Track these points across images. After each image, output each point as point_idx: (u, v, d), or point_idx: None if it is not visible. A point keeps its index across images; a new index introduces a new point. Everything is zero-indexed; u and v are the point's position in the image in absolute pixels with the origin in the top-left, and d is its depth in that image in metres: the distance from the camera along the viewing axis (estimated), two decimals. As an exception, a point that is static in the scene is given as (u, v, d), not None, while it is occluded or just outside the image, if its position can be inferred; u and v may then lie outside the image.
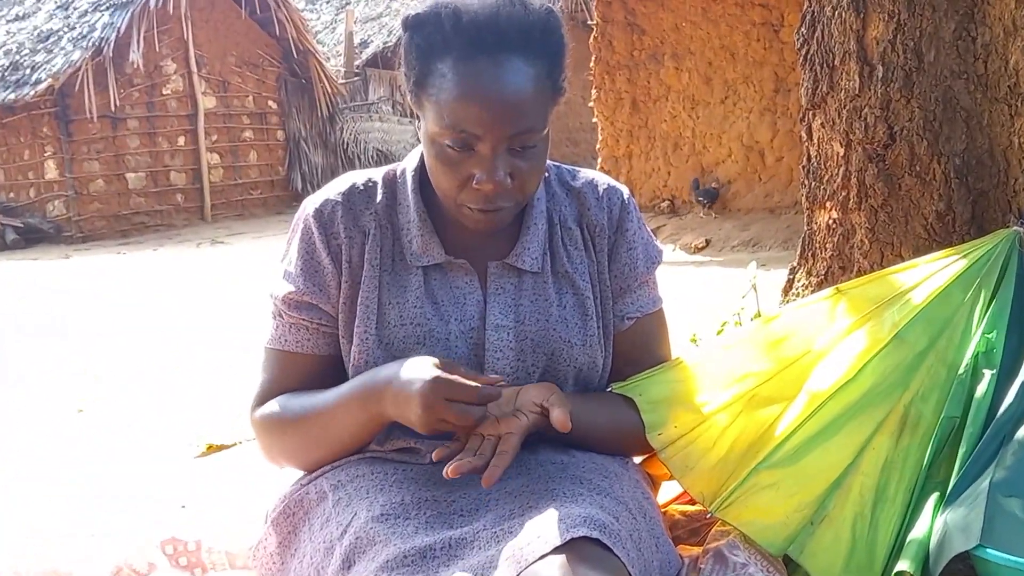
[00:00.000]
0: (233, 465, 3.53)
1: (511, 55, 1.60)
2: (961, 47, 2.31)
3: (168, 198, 17.22)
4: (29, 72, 15.73)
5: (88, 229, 16.10)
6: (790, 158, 9.12)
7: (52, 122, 16.01)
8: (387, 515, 1.58)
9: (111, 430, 4.32)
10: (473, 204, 1.64)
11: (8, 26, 17.27)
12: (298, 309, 1.77)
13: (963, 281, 1.99)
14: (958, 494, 1.74)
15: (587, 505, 1.50)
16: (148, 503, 3.21)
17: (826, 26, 2.50)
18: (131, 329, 7.10)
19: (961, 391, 1.88)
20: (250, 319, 6.59)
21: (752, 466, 1.83)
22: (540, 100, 1.64)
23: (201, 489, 3.29)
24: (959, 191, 2.32)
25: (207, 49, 17.56)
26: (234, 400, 4.49)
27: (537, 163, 1.66)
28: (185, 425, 4.26)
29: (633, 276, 1.86)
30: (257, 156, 18.68)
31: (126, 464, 3.74)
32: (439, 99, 1.61)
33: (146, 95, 16.81)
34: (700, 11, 9.60)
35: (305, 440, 1.75)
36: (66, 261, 13.08)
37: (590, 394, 1.81)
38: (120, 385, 5.24)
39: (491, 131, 1.59)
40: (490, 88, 1.59)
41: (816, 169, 2.59)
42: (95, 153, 16.25)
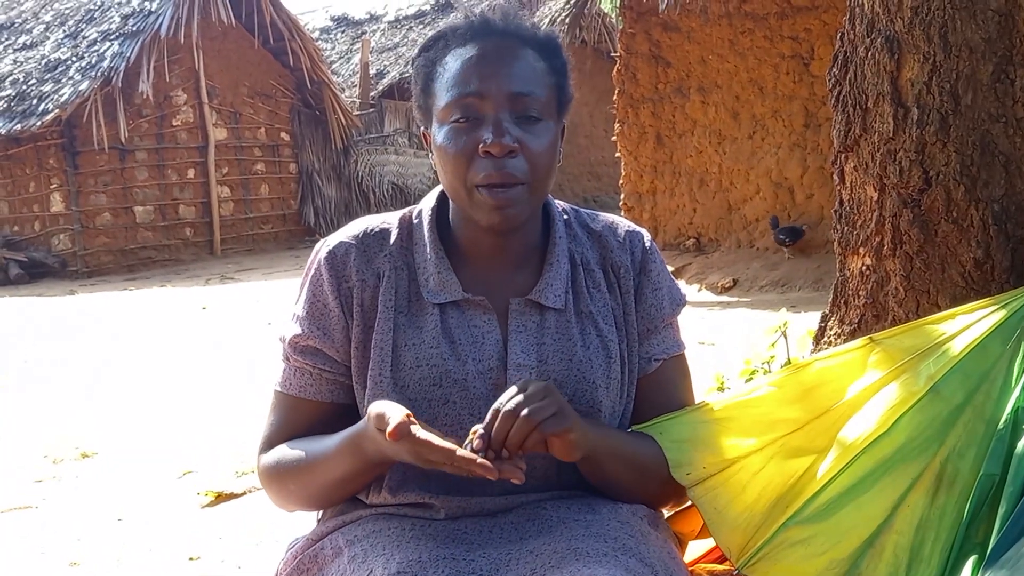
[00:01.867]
0: (241, 516, 3.53)
1: (513, 40, 1.72)
2: (999, 90, 2.31)
3: (177, 232, 17.30)
4: (36, 102, 15.84)
5: (94, 264, 16.17)
6: (820, 195, 9.11)
7: (59, 154, 16.12)
8: (403, 572, 1.58)
9: (118, 477, 4.32)
10: (484, 178, 1.65)
11: (15, 55, 17.44)
12: (303, 353, 1.78)
13: (1002, 332, 1.99)
14: (998, 556, 1.73)
15: (612, 566, 1.49)
16: (157, 555, 3.21)
17: (859, 67, 2.51)
18: (136, 371, 7.10)
19: (1000, 447, 1.87)
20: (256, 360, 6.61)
21: (782, 520, 1.83)
22: (543, 79, 1.72)
23: (209, 540, 3.29)
24: (998, 238, 2.32)
25: (219, 79, 17.69)
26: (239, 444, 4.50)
27: (544, 142, 1.69)
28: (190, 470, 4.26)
29: (660, 317, 1.87)
30: (269, 189, 18.77)
31: (133, 513, 3.74)
32: (443, 82, 1.70)
33: (155, 126, 16.93)
34: (727, 43, 9.63)
35: (306, 488, 1.76)
36: (71, 297, 13.12)
37: (620, 430, 1.82)
38: (126, 431, 5.23)
39: (492, 89, 1.66)
40: (490, 55, 1.69)
41: (849, 214, 2.59)
42: (102, 185, 16.34)
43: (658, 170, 10.32)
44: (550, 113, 1.72)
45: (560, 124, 1.77)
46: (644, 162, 10.38)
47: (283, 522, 1.88)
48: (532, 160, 1.67)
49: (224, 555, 3.11)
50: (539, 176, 1.69)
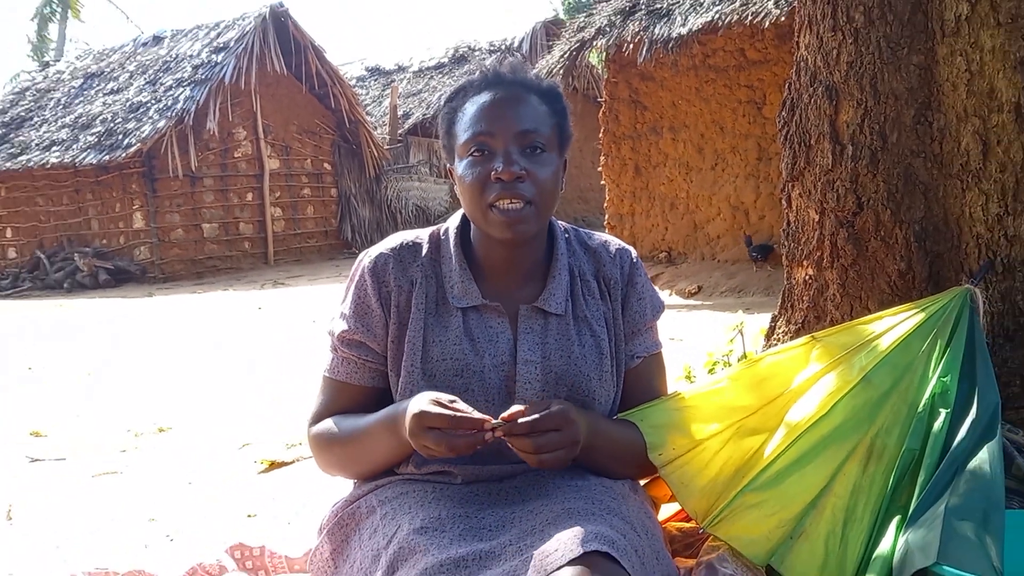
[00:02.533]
0: (291, 481, 3.52)
1: (520, 89, 1.74)
2: (920, 130, 2.31)
3: (237, 245, 17.29)
4: (121, 138, 15.86)
5: (168, 271, 16.17)
6: (771, 217, 9.11)
7: (140, 180, 16.13)
8: (426, 528, 1.59)
9: (188, 448, 4.33)
10: (496, 197, 1.67)
11: (105, 99, 17.45)
12: (349, 346, 1.80)
13: (922, 331, 1.99)
14: (917, 517, 1.73)
15: (599, 523, 1.50)
16: (220, 512, 3.21)
17: (803, 111, 2.51)
18: (203, 360, 7.10)
19: (920, 427, 1.88)
20: (301, 351, 6.62)
21: (739, 488, 1.84)
22: (545, 119, 1.73)
23: (264, 501, 3.29)
24: (918, 253, 2.32)
25: (272, 119, 17.70)
26: (288, 421, 4.50)
27: (547, 170, 1.71)
28: (248, 443, 4.26)
29: (643, 322, 1.89)
30: (313, 210, 18.76)
31: (201, 478, 3.75)
32: (462, 124, 1.73)
33: (220, 157, 16.92)
34: (694, 91, 9.64)
35: (349, 456, 1.77)
36: (149, 299, 13.13)
37: (608, 417, 1.82)
38: (196, 409, 5.23)
39: (502, 128, 1.68)
40: (501, 100, 1.71)
41: (794, 232, 2.60)
42: (176, 207, 16.35)
43: (636, 195, 10.32)
44: (552, 147, 1.74)
45: (562, 158, 1.78)
46: (625, 189, 10.38)
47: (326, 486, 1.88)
48: (537, 184, 1.69)
49: (276, 513, 3.11)
50: (543, 198, 1.71)
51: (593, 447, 1.70)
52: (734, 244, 9.51)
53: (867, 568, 1.73)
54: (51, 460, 4.21)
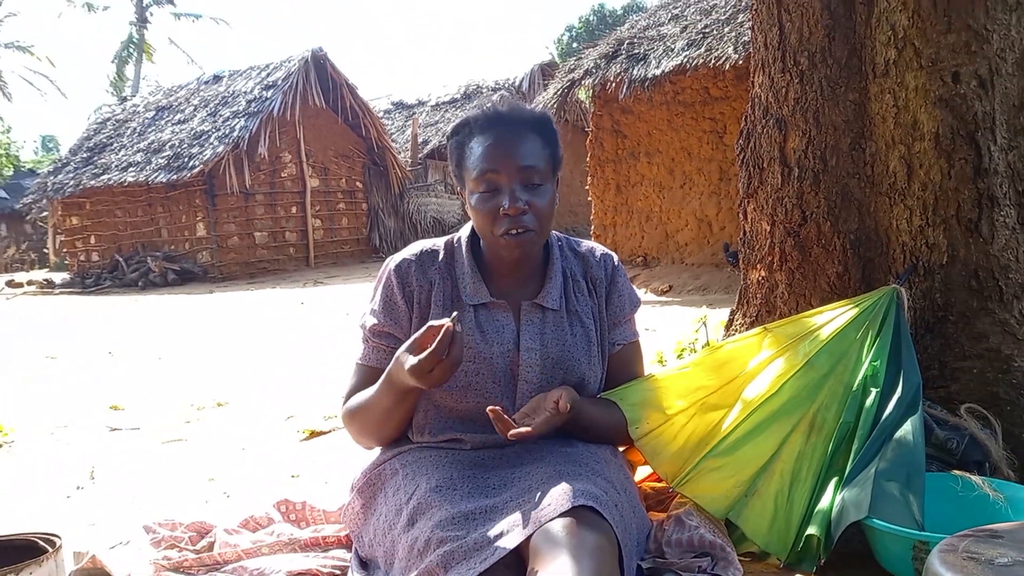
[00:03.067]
0: (328, 447, 3.53)
1: (515, 125, 1.72)
2: (855, 155, 2.31)
3: (283, 250, 17.28)
4: (187, 160, 15.86)
5: (226, 272, 16.16)
6: (730, 227, 9.09)
7: (202, 196, 16.13)
8: (440, 487, 1.60)
9: (242, 419, 4.33)
10: (505, 231, 1.68)
11: (172, 128, 17.45)
12: (378, 336, 1.80)
13: (856, 323, 1.99)
14: (852, 479, 1.73)
15: (585, 482, 1.50)
16: (268, 473, 3.22)
17: (757, 139, 2.51)
18: (255, 346, 7.11)
19: (854, 403, 1.88)
20: (337, 339, 6.62)
21: (702, 455, 1.84)
22: (541, 153, 1.72)
23: (305, 464, 3.29)
24: (853, 259, 2.32)
25: (313, 145, 17.68)
26: (326, 397, 4.50)
27: (546, 202, 1.71)
28: (292, 415, 4.26)
29: (622, 315, 1.89)
30: (347, 221, 18.75)
31: (252, 444, 3.75)
32: (471, 163, 1.71)
33: (269, 177, 16.91)
34: (666, 122, 9.63)
35: (369, 419, 1.76)
36: (210, 295, 13.13)
37: (593, 398, 1.83)
38: (249, 387, 5.24)
39: (506, 167, 1.68)
40: (503, 139, 1.70)
41: (750, 240, 2.59)
42: (232, 218, 16.34)
43: (618, 210, 10.30)
44: (548, 176, 1.74)
45: (555, 179, 1.78)
46: (608, 204, 10.36)
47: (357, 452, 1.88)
48: (538, 214, 1.70)
49: (316, 474, 3.11)
50: (543, 223, 1.72)
51: (576, 422, 1.71)
52: (699, 250, 9.49)
53: (809, 521, 1.74)
54: (127, 429, 4.22)
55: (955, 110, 2.14)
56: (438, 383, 1.55)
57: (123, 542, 2.00)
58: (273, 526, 2.02)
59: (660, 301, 8.54)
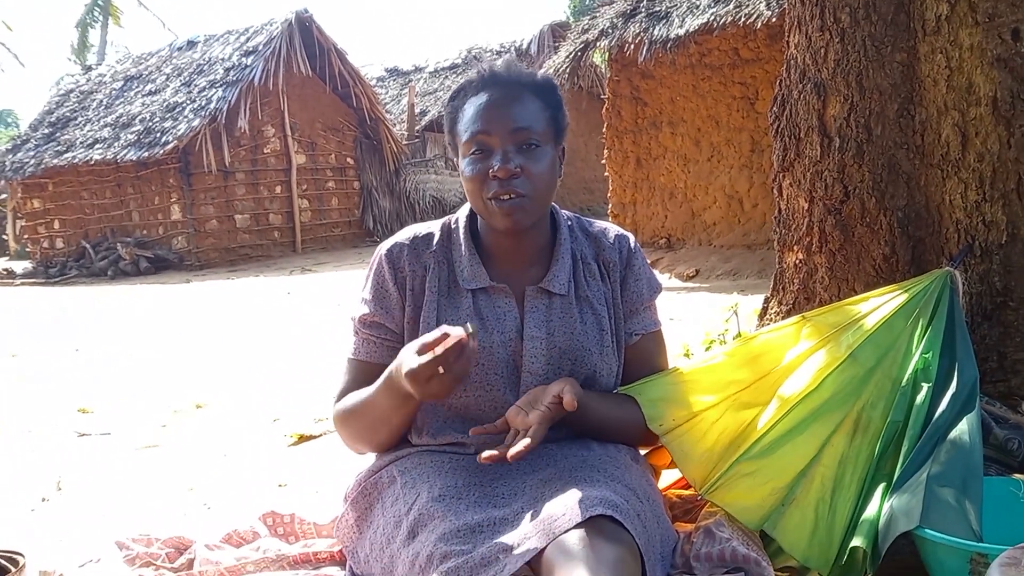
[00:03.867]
0: (319, 453, 3.54)
1: (514, 86, 1.73)
2: (903, 123, 2.30)
3: (267, 234, 17.30)
4: (159, 136, 15.87)
5: (204, 259, 16.19)
6: (763, 205, 9.07)
7: (177, 175, 16.14)
8: (444, 496, 1.60)
9: (224, 423, 4.34)
10: (494, 193, 1.68)
11: (143, 99, 17.46)
12: (369, 327, 1.81)
13: (905, 311, 1.99)
14: (901, 484, 1.73)
15: (603, 489, 1.50)
16: (253, 482, 3.23)
17: (793, 106, 2.50)
18: (237, 341, 7.13)
19: (903, 400, 1.87)
20: (328, 333, 6.63)
21: (735, 458, 1.84)
22: (539, 114, 1.72)
23: (293, 472, 3.30)
24: (901, 238, 2.31)
25: (299, 117, 17.67)
26: (316, 397, 4.51)
27: (544, 167, 1.71)
28: (279, 417, 4.27)
29: (640, 301, 1.89)
30: (337, 202, 18.76)
31: (235, 450, 3.76)
32: (463, 124, 1.72)
33: (250, 154, 16.92)
34: (691, 87, 9.59)
35: (363, 423, 1.76)
36: (186, 285, 13.17)
37: (604, 392, 1.82)
38: (230, 387, 5.25)
39: (497, 127, 1.68)
40: (496, 100, 1.71)
41: (785, 220, 2.59)
42: (210, 199, 16.36)
43: (638, 186, 10.28)
44: (547, 140, 1.74)
45: (558, 147, 1.78)
46: (627, 179, 10.34)
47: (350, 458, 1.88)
48: (532, 179, 1.69)
49: (305, 483, 3.12)
50: (538, 190, 1.71)
51: (584, 420, 1.72)
52: (729, 231, 9.48)
53: (854, 532, 1.73)
54: (97, 435, 4.24)
55: (1015, 71, 2.12)
56: (435, 398, 1.54)
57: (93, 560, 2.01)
58: (259, 541, 2.02)
59: (686, 287, 8.53)
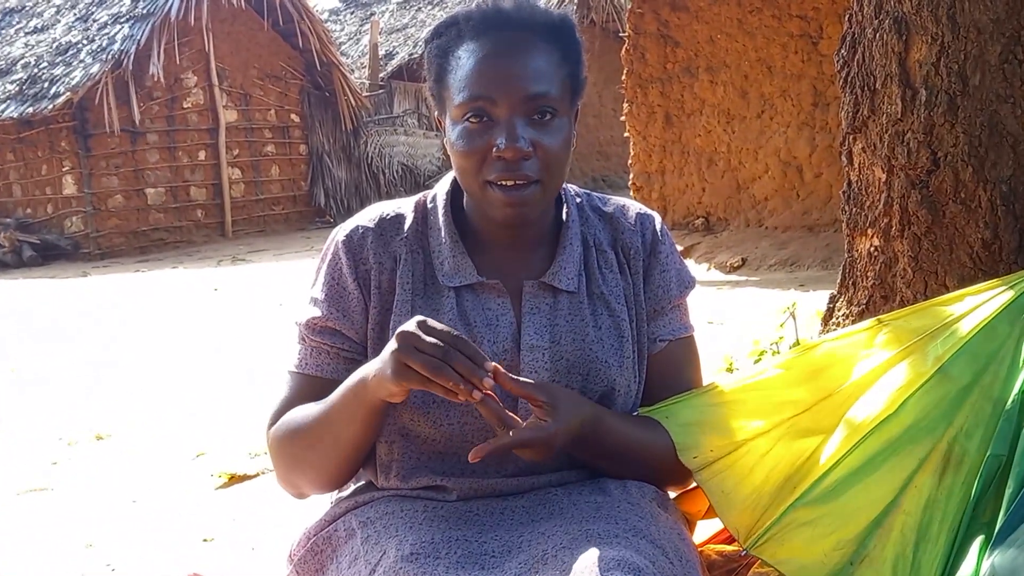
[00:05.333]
0: (255, 498, 3.54)
1: (523, 31, 1.69)
2: (1007, 70, 2.30)
3: (188, 214, 17.32)
4: (47, 86, 15.85)
5: (106, 246, 16.21)
6: (829, 174, 9.08)
7: (70, 136, 16.13)
8: (417, 554, 1.58)
9: (132, 458, 4.34)
10: (497, 177, 1.65)
11: (26, 39, 17.44)
12: (321, 334, 1.78)
13: (1010, 313, 1.98)
14: (1005, 536, 1.73)
15: (621, 548, 1.50)
16: (170, 536, 3.23)
17: (867, 48, 2.50)
18: (149, 353, 7.12)
19: (1008, 428, 1.87)
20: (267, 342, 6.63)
21: (790, 502, 1.83)
22: (557, 72, 1.70)
23: (223, 522, 3.31)
24: (1006, 219, 2.31)
25: (228, 62, 17.67)
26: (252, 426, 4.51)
27: (558, 139, 1.69)
28: (204, 452, 4.27)
29: (667, 299, 1.88)
30: (279, 171, 18.77)
31: (147, 494, 3.76)
32: (456, 79, 1.68)
33: (166, 109, 16.93)
34: (736, 23, 9.60)
35: (313, 444, 1.71)
36: (83, 279, 13.15)
37: (625, 414, 1.82)
38: (140, 412, 5.25)
39: (505, 93, 1.65)
40: (504, 53, 1.67)
41: (857, 195, 2.59)
42: (114, 168, 16.37)
43: (667, 150, 10.30)
44: (563, 107, 1.71)
45: (573, 111, 1.77)
46: (653, 142, 10.36)
47: (296, 504, 1.88)
48: (546, 159, 1.67)
49: (238, 536, 3.12)
50: (552, 173, 1.69)
51: (599, 447, 1.71)
52: (784, 208, 9.50)
53: (944, 597, 1.74)
54: (-33, 475, 4.24)
55: None
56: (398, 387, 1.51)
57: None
58: (178, 611, 2.03)
59: (729, 281, 8.55)
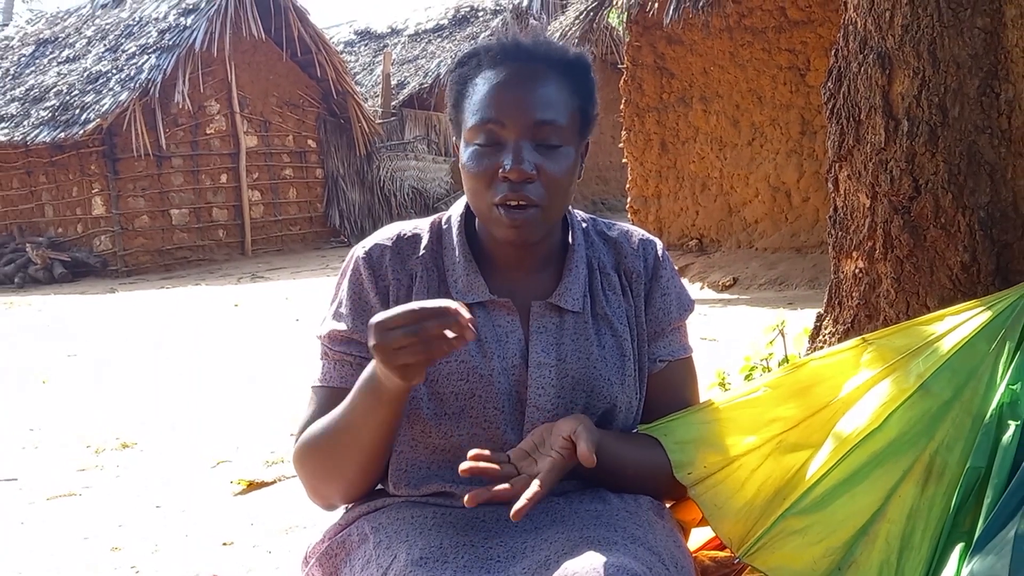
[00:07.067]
0: (271, 504, 3.53)
1: (538, 63, 1.71)
2: (985, 103, 2.30)
3: (210, 233, 17.34)
4: (78, 112, 15.90)
5: (133, 263, 16.22)
6: (816, 199, 9.09)
7: (100, 160, 16.18)
8: (426, 559, 1.59)
9: (155, 466, 4.34)
10: (502, 198, 1.66)
11: (59, 68, 17.50)
12: (344, 345, 1.78)
13: (988, 332, 1.98)
14: (984, 544, 1.72)
15: (620, 554, 1.50)
16: (192, 539, 3.22)
17: (852, 81, 2.50)
18: (172, 365, 7.12)
19: (986, 441, 1.87)
20: (285, 355, 6.63)
21: (780, 511, 1.83)
22: (565, 104, 1.71)
23: (241, 526, 3.30)
24: (983, 243, 2.31)
25: (249, 90, 17.72)
26: (269, 435, 4.51)
27: (563, 171, 1.70)
28: (224, 460, 4.27)
29: (667, 321, 1.89)
30: (296, 193, 18.80)
31: (169, 500, 3.76)
32: (471, 104, 1.71)
33: (190, 134, 16.97)
34: (728, 55, 9.62)
35: (333, 449, 1.70)
36: (111, 295, 13.16)
37: (620, 432, 1.81)
38: (163, 422, 5.25)
39: (514, 117, 1.66)
40: (516, 81, 1.69)
41: (842, 219, 2.59)
42: (141, 190, 16.39)
43: (662, 175, 10.31)
44: (570, 138, 1.72)
45: (582, 145, 1.77)
46: (649, 167, 10.37)
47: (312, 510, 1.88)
48: (548, 185, 1.68)
49: (256, 540, 3.12)
50: (554, 199, 1.70)
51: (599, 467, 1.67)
52: (774, 230, 9.50)
53: (926, 602, 1.73)
54: (1, 480, 4.23)
55: (1122, 40, 2.13)
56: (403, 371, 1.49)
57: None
58: (199, 612, 2.03)
59: (721, 300, 8.55)
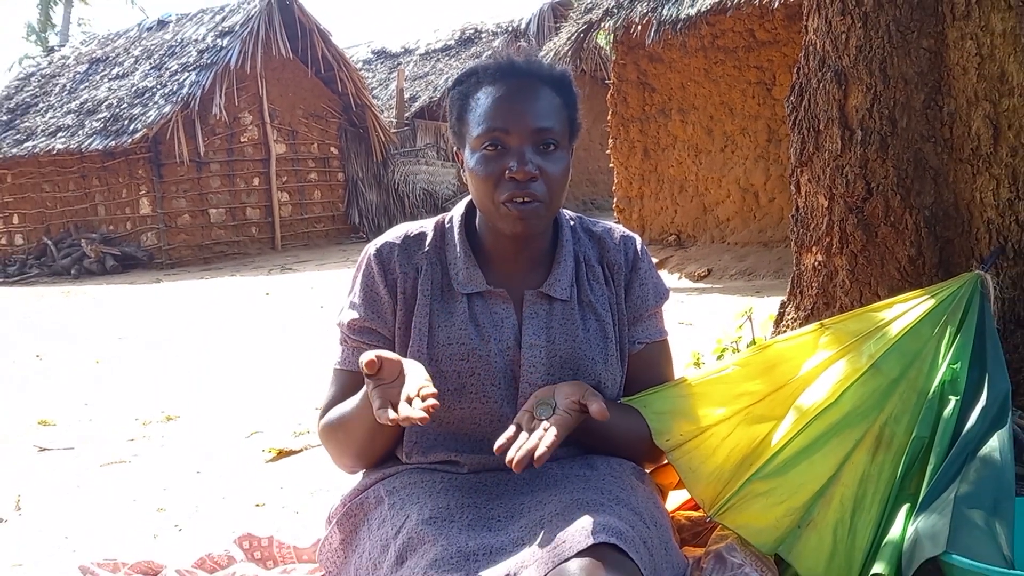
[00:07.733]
0: (299, 470, 3.54)
1: (531, 78, 1.75)
2: (930, 115, 2.31)
3: (244, 230, 17.31)
4: (127, 123, 15.88)
5: (175, 257, 16.20)
6: (781, 199, 9.08)
7: (146, 166, 16.15)
8: (435, 518, 1.61)
9: (196, 436, 4.34)
10: (509, 196, 1.69)
11: (110, 84, 17.46)
12: (359, 333, 1.82)
13: (932, 318, 1.99)
14: (927, 505, 1.73)
15: (607, 514, 1.51)
16: (228, 501, 3.23)
17: (812, 96, 2.50)
18: (211, 347, 7.13)
19: (930, 414, 1.88)
20: (310, 338, 6.63)
21: (747, 476, 1.84)
22: (558, 113, 1.75)
23: (272, 490, 3.31)
24: (928, 239, 2.32)
25: (278, 103, 17.68)
26: (296, 409, 4.52)
27: (560, 171, 1.73)
28: (256, 431, 4.28)
29: (645, 307, 1.91)
30: (320, 195, 18.76)
31: (208, 466, 3.77)
32: (476, 115, 1.73)
33: (226, 142, 16.92)
34: (703, 72, 9.60)
35: (349, 436, 1.77)
36: (156, 285, 13.17)
37: (611, 402, 1.82)
38: (203, 397, 5.25)
39: (518, 125, 1.70)
40: (516, 94, 1.72)
41: (804, 218, 2.59)
42: (182, 192, 16.36)
43: (645, 178, 10.29)
44: (564, 143, 1.76)
45: (571, 149, 1.80)
46: (633, 171, 10.35)
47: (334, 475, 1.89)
48: (549, 183, 1.72)
49: (284, 502, 3.12)
50: (554, 195, 1.74)
51: (590, 430, 1.71)
52: (744, 227, 9.49)
53: (876, 557, 1.74)
54: (59, 449, 4.24)
55: (1051, 59, 2.13)
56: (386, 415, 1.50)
57: (56, 586, 2.01)
58: (234, 566, 2.03)
59: (697, 288, 8.54)
